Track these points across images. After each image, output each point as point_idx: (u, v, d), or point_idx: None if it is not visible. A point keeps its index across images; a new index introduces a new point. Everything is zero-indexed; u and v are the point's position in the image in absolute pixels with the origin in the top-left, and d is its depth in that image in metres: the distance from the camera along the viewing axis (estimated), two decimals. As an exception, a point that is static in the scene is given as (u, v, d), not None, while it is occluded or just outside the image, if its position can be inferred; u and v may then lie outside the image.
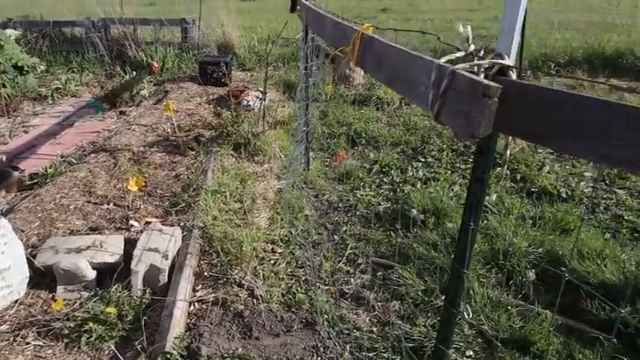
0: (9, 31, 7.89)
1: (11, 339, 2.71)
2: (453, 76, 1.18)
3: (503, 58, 1.19)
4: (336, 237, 3.70)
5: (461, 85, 1.16)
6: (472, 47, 1.31)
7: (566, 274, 3.08)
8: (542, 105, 1.05)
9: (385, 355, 2.62)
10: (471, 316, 1.44)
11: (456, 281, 1.45)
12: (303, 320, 2.83)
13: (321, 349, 2.64)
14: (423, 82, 1.33)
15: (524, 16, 1.29)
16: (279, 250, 3.49)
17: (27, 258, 3.09)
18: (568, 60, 8.61)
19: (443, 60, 1.28)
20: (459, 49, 1.36)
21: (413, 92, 1.44)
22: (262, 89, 6.28)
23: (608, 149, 0.93)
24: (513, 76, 1.19)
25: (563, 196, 4.24)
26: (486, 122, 1.08)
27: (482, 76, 1.18)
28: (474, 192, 1.33)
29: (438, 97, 1.23)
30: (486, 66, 1.20)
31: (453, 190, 4.34)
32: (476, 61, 1.23)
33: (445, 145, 5.25)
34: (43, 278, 3.12)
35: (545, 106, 1.04)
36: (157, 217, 3.82)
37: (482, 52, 1.29)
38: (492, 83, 1.06)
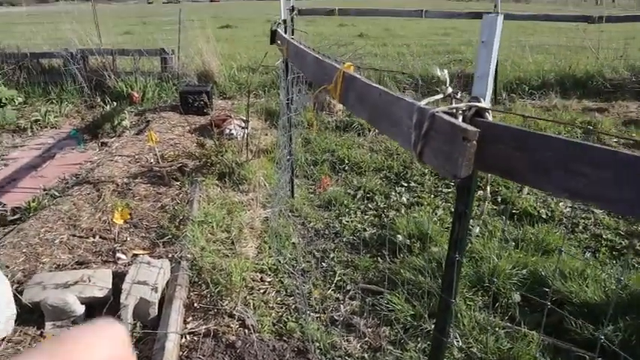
0: (-14, 64, 7.86)
1: (-1, 379, 2.68)
2: (434, 119, 1.25)
3: (479, 101, 1.27)
4: (324, 264, 3.74)
5: (441, 127, 1.22)
6: (449, 90, 1.39)
7: (550, 295, 3.17)
8: (516, 145, 1.12)
9: (377, 381, 2.64)
10: (459, 342, 1.49)
11: (445, 311, 1.50)
12: (295, 349, 2.85)
13: (314, 377, 2.66)
14: (405, 123, 1.40)
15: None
16: (268, 279, 3.52)
17: (13, 295, 3.07)
18: (541, 82, 8.85)
19: (423, 102, 1.35)
20: (437, 92, 1.43)
21: (395, 132, 1.50)
22: (244, 117, 6.35)
23: (578, 186, 1.00)
24: (489, 117, 1.26)
25: (544, 217, 4.34)
26: (466, 163, 1.14)
27: (460, 118, 1.25)
28: (457, 227, 1.39)
29: (420, 138, 1.29)
30: (464, 108, 1.27)
31: (436, 214, 4.42)
32: (454, 104, 1.30)
33: (427, 170, 5.35)
34: (30, 315, 3.10)
35: (518, 147, 1.12)
36: (144, 250, 3.82)
37: (459, 94, 1.36)
38: (471, 127, 1.13)
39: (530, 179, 1.09)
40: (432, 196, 4.85)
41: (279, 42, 3.86)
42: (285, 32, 4.04)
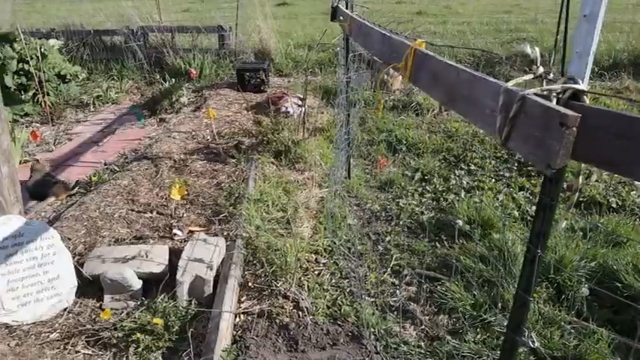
0: (52, 41, 8.09)
1: (61, 347, 2.76)
2: (524, 102, 1.13)
3: (576, 82, 1.13)
4: (380, 247, 3.65)
5: (533, 111, 1.11)
6: (541, 69, 1.25)
7: (622, 290, 2.97)
8: (620, 132, 0.99)
9: (434, 371, 2.55)
10: (536, 343, 1.37)
11: (521, 309, 1.39)
12: (349, 333, 2.79)
13: (369, 363, 2.59)
14: (488, 105, 1.28)
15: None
16: (323, 261, 3.46)
17: (75, 267, 3.14)
18: (612, 63, 8.36)
19: (511, 83, 1.22)
20: (527, 72, 1.29)
21: (475, 114, 1.39)
22: (300, 95, 6.27)
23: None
24: (587, 100, 1.13)
25: (614, 206, 4.10)
26: (564, 152, 1.03)
27: (554, 101, 1.12)
28: (541, 219, 1.26)
29: (507, 122, 1.17)
30: (559, 90, 1.14)
31: (498, 199, 4.24)
32: (547, 86, 1.16)
33: (488, 153, 5.14)
34: (90, 287, 3.17)
35: (623, 134, 0.99)
36: (200, 226, 3.83)
37: (551, 75, 1.23)
38: (570, 112, 1.01)
39: (637, 173, 0.95)
40: (493, 180, 4.65)
41: (340, 18, 3.75)
42: (347, 8, 3.90)
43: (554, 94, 1.12)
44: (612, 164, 1.03)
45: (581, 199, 4.24)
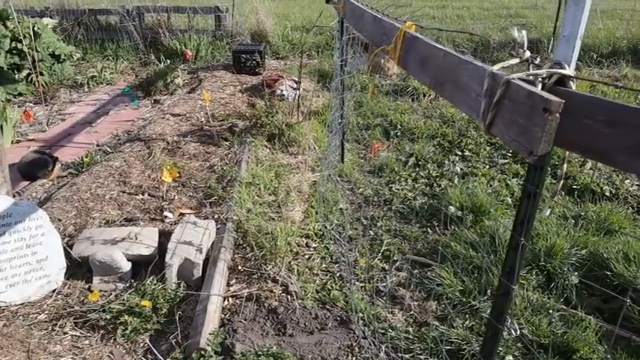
0: (46, 20, 7.99)
1: (49, 328, 2.75)
2: (509, 86, 1.10)
3: (562, 67, 1.10)
4: (371, 232, 3.64)
5: (517, 96, 1.08)
6: (527, 54, 1.22)
7: (611, 279, 2.97)
8: (606, 120, 0.97)
9: (422, 357, 2.56)
10: (517, 332, 1.37)
11: (503, 297, 1.38)
12: (338, 318, 2.79)
13: (356, 348, 2.60)
14: (473, 89, 1.26)
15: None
16: (314, 245, 3.45)
17: (64, 248, 3.12)
18: (611, 50, 8.30)
19: (496, 67, 1.19)
20: (513, 56, 1.27)
21: (461, 99, 1.36)
22: (296, 78, 6.22)
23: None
24: (573, 86, 1.10)
25: (607, 194, 4.09)
26: (546, 139, 1.00)
27: (539, 86, 1.10)
28: (525, 207, 1.25)
29: (491, 108, 1.15)
30: (544, 75, 1.11)
31: (491, 185, 4.23)
32: (533, 71, 1.14)
33: (483, 139, 5.12)
34: (79, 268, 3.15)
35: (609, 122, 0.96)
36: (191, 209, 3.82)
37: (538, 59, 1.20)
38: (554, 98, 0.98)
39: (621, 161, 0.93)
40: (487, 166, 4.64)
41: (335, 0, 3.69)
42: (341, -10, 3.85)
43: (540, 79, 1.10)
44: (597, 152, 1.01)
45: (574, 186, 4.22)
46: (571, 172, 4.43)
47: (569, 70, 1.09)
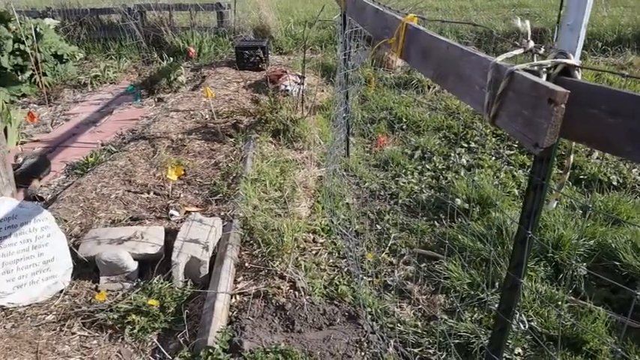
0: (48, 20, 8.00)
1: (57, 329, 2.75)
2: (513, 78, 1.08)
3: (567, 57, 1.08)
4: (378, 226, 3.62)
5: (521, 87, 1.06)
6: (531, 44, 1.19)
7: (620, 269, 2.94)
8: (612, 110, 0.95)
9: (431, 351, 2.54)
10: (526, 326, 1.34)
11: (511, 291, 1.36)
12: (346, 313, 2.77)
13: (365, 343, 2.58)
14: (476, 81, 1.23)
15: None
16: (321, 241, 3.44)
17: (70, 249, 3.12)
18: (616, 38, 8.22)
19: (500, 58, 1.17)
20: (516, 46, 1.24)
21: (464, 91, 1.34)
22: (300, 73, 6.19)
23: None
24: (579, 76, 1.08)
25: (614, 183, 4.05)
26: (552, 130, 0.98)
27: (544, 77, 1.07)
28: (531, 199, 1.23)
29: (495, 100, 1.13)
30: (549, 65, 1.08)
31: (498, 177, 4.19)
32: (537, 61, 1.11)
33: (488, 130, 5.08)
34: (86, 268, 3.15)
35: (615, 112, 0.94)
36: (196, 207, 3.81)
37: (542, 50, 1.17)
38: (559, 88, 0.96)
39: (628, 151, 0.91)
40: (494, 158, 4.60)
41: (336, -7, 3.66)
42: (343, -17, 3.81)
43: (544, 69, 1.07)
44: (604, 142, 0.99)
45: (582, 176, 4.19)
46: (578, 162, 4.39)
47: (574, 60, 1.06)
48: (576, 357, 2.44)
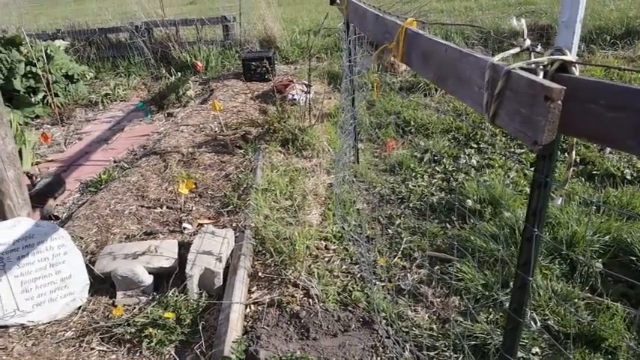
0: (58, 42, 8.13)
1: (77, 345, 2.79)
2: (509, 77, 1.09)
3: (563, 54, 1.09)
4: (390, 231, 3.62)
5: (518, 86, 1.07)
6: (528, 42, 1.21)
7: (637, 264, 2.92)
8: (611, 104, 0.95)
9: (447, 353, 2.54)
10: (538, 324, 1.35)
11: (521, 290, 1.36)
12: (361, 319, 2.78)
13: (380, 348, 2.59)
14: (475, 82, 1.25)
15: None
16: (333, 247, 3.45)
17: (86, 265, 3.16)
18: (625, 31, 8.16)
19: (497, 58, 1.18)
20: (513, 45, 1.25)
21: (464, 92, 1.35)
22: (307, 82, 6.23)
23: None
24: (576, 72, 1.09)
25: (628, 177, 4.01)
26: (550, 127, 0.99)
27: (541, 74, 1.08)
28: (536, 197, 1.23)
29: (493, 99, 1.14)
30: (545, 63, 1.09)
31: (509, 176, 4.18)
32: (533, 59, 1.13)
33: (498, 130, 5.06)
34: (102, 284, 3.19)
35: (614, 106, 0.95)
36: (209, 219, 3.84)
37: (539, 47, 1.18)
38: (554, 85, 0.97)
39: (630, 145, 0.92)
40: (504, 157, 4.59)
41: (338, 1, 3.70)
42: (345, -10, 3.85)
43: (541, 67, 1.08)
44: (605, 137, 0.99)
45: (595, 171, 4.16)
46: (590, 157, 4.36)
47: (570, 56, 1.07)
48: (595, 354, 2.42)
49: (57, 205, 4.45)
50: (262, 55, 7.68)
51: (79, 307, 3.05)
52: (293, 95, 6.27)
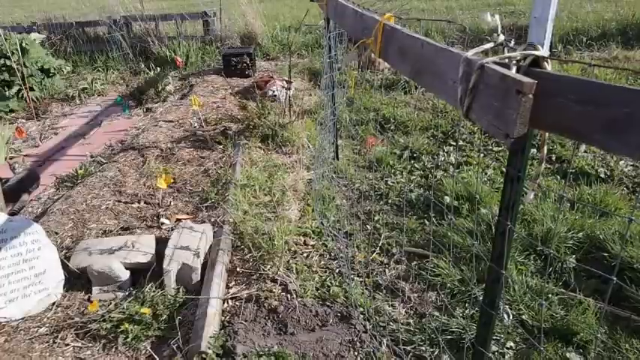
0: (33, 35, 7.98)
1: (51, 341, 2.75)
2: (483, 71, 1.10)
3: (536, 49, 1.11)
4: (368, 227, 3.64)
5: (491, 80, 1.08)
6: (501, 37, 1.22)
7: (609, 260, 2.97)
8: (581, 99, 0.97)
9: (423, 347, 2.56)
10: (510, 318, 1.37)
11: (494, 283, 1.37)
12: (338, 314, 2.78)
13: (358, 343, 2.59)
14: (450, 76, 1.26)
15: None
16: (312, 243, 3.45)
17: (61, 261, 3.12)
18: (601, 33, 8.30)
19: (471, 52, 1.19)
20: (487, 40, 1.26)
21: (440, 87, 1.36)
22: (287, 79, 6.22)
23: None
24: (548, 67, 1.10)
25: (602, 176, 4.08)
26: (521, 120, 1.01)
27: (514, 69, 1.10)
28: (509, 191, 1.25)
29: (468, 93, 1.15)
30: (518, 57, 1.11)
31: (486, 174, 4.23)
32: (507, 54, 1.14)
33: (476, 128, 5.11)
34: (78, 280, 3.15)
35: (584, 101, 0.96)
36: (187, 214, 3.81)
37: (512, 42, 1.20)
38: (526, 79, 0.98)
39: (597, 139, 0.93)
40: (482, 154, 4.64)
41: (318, -3, 3.69)
42: (325, -13, 3.85)
43: (514, 61, 1.10)
44: (574, 131, 1.01)
45: (570, 170, 4.22)
46: (565, 155, 4.43)
47: (542, 51, 1.09)
48: (567, 348, 2.46)
49: (31, 200, 4.37)
50: (243, 51, 7.64)
51: (54, 303, 3.01)
52: (273, 91, 6.25)
